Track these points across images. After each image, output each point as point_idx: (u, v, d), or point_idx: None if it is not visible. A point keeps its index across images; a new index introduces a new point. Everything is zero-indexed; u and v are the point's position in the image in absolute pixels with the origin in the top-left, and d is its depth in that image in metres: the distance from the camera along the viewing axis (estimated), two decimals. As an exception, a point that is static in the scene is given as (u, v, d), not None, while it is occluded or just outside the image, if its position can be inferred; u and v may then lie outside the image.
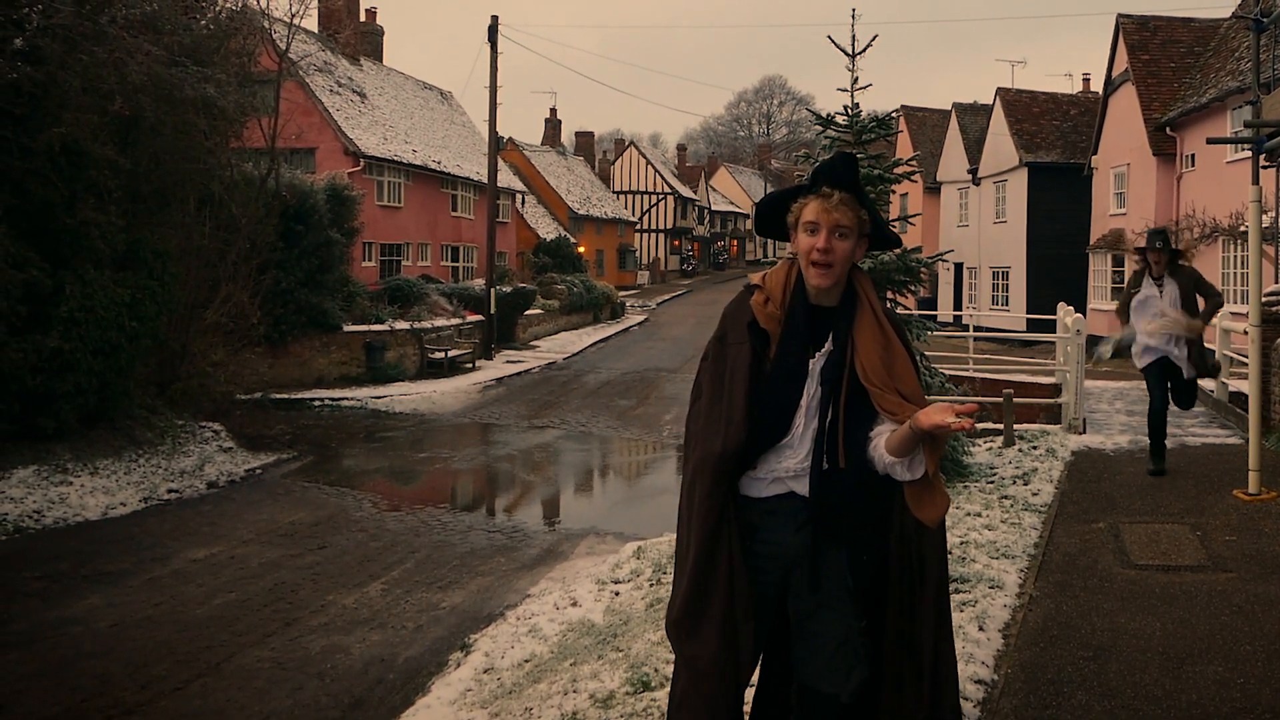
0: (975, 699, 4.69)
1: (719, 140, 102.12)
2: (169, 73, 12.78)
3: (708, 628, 2.95)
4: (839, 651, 2.93)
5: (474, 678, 6.32)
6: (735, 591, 2.95)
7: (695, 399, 3.12)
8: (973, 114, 36.79)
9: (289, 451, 14.71)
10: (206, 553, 9.67)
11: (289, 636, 7.50)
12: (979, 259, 35.00)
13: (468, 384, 22.62)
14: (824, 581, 2.96)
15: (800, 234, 2.95)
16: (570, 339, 33.28)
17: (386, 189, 29.56)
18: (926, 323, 11.25)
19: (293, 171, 21.21)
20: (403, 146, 30.87)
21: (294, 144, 22.62)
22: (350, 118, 28.81)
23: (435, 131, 35.42)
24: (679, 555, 3.16)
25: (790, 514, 2.98)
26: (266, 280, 18.08)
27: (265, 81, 18.85)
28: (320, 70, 27.90)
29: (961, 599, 6.07)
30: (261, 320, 17.58)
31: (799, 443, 2.95)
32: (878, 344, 2.94)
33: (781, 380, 2.95)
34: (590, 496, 13.68)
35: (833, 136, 11.09)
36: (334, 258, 21.50)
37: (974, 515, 8.40)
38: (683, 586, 3.02)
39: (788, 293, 2.99)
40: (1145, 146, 24.67)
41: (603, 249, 54.33)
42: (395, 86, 35.17)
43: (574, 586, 8.11)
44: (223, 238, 16.39)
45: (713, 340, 3.12)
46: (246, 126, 17.27)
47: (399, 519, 11.18)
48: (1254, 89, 8.45)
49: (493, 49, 28.07)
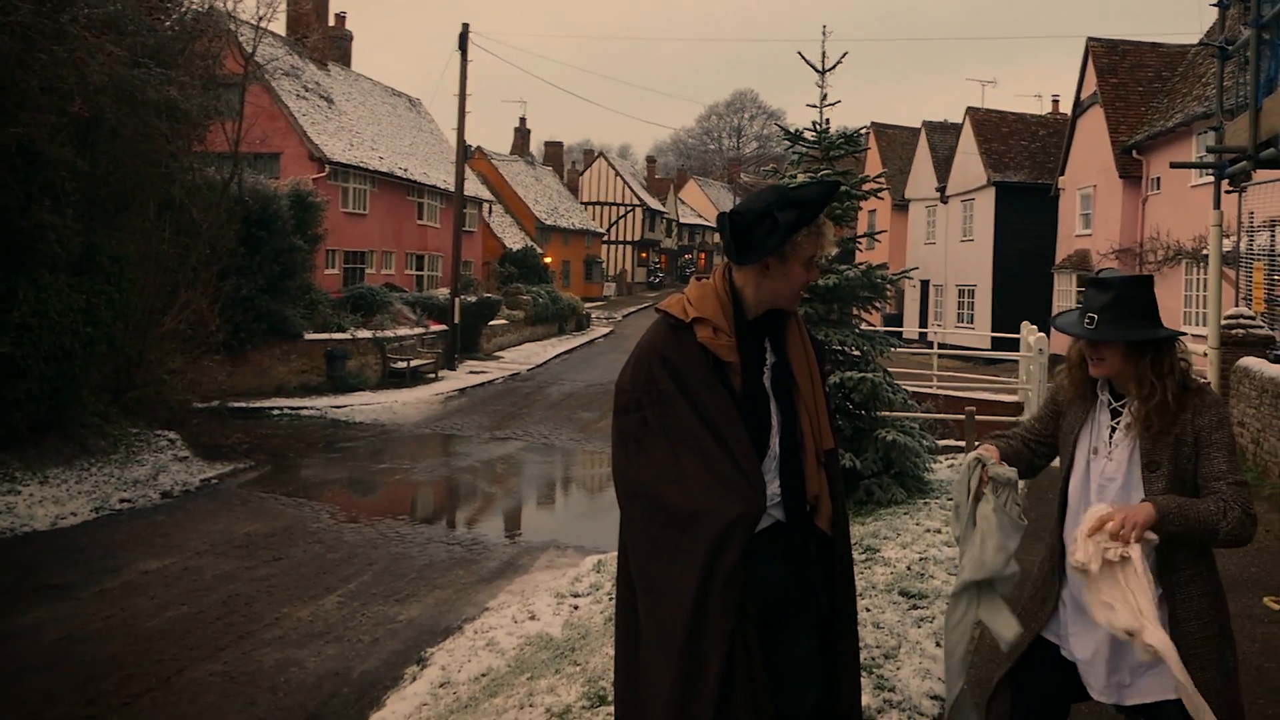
0: (930, 714, 4.67)
1: (689, 153, 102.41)
2: (131, 74, 12.61)
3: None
4: (800, 672, 2.80)
5: (430, 692, 6.25)
6: (755, 673, 2.64)
7: (638, 454, 2.75)
8: (942, 132, 37.11)
9: (246, 461, 14.52)
10: (159, 564, 9.51)
11: (242, 650, 7.38)
12: (945, 276, 35.26)
13: (430, 394, 22.47)
14: (800, 606, 2.83)
15: (797, 267, 2.80)
16: (535, 350, 33.18)
17: (352, 196, 29.34)
18: (891, 339, 11.28)
19: (256, 176, 21.02)
20: (369, 153, 30.67)
21: (258, 148, 22.37)
22: (316, 123, 28.59)
23: (402, 138, 35.24)
24: (653, 656, 2.68)
25: (774, 544, 2.78)
26: (227, 287, 17.87)
27: (230, 85, 18.66)
28: (287, 74, 27.65)
29: (920, 614, 6.07)
30: (221, 327, 17.36)
31: (773, 467, 2.80)
32: (803, 353, 2.91)
33: (752, 410, 2.78)
34: (551, 509, 13.60)
35: (801, 152, 11.12)
36: (296, 265, 21.31)
37: (933, 532, 8.42)
38: (706, 690, 2.57)
39: (729, 318, 2.80)
40: (1112, 168, 24.96)
41: (569, 260, 54.28)
42: (363, 92, 34.97)
43: (533, 600, 8.04)
44: (183, 243, 16.17)
45: (652, 390, 2.74)
46: (210, 130, 17.06)
47: (357, 531, 11.05)
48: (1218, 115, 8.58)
49: (463, 56, 27.98)
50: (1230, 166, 8.19)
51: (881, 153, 40.68)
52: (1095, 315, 2.79)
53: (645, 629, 2.72)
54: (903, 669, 5.13)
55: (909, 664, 5.23)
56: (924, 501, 9.80)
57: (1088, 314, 2.80)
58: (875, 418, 10.49)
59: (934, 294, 36.70)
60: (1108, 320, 2.76)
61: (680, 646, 2.61)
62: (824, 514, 2.86)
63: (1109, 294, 2.79)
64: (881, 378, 10.37)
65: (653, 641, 2.69)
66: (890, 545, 7.84)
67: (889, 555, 7.49)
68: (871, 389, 10.10)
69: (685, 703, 2.59)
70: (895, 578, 6.80)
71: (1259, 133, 7.40)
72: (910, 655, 5.36)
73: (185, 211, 16.08)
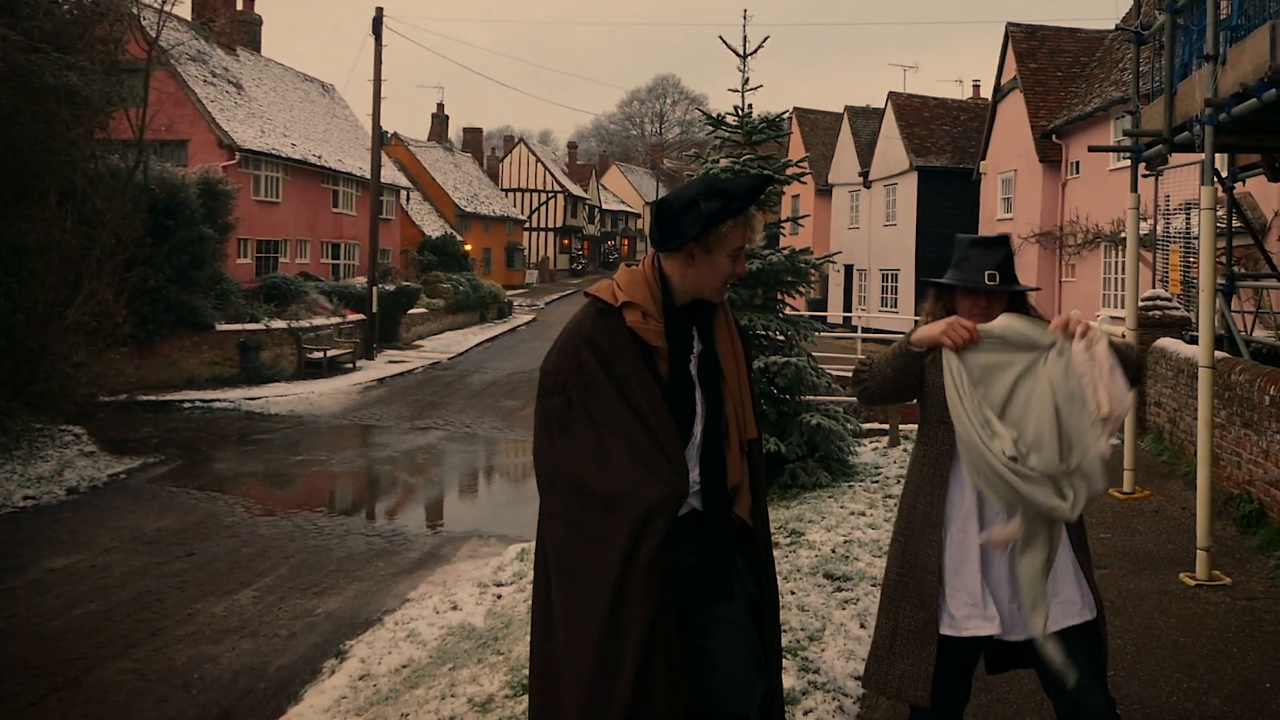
0: (855, 695, 4.68)
1: (611, 139, 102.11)
2: (27, 59, 12.14)
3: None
4: (743, 667, 2.74)
5: (349, 685, 6.11)
6: (673, 658, 2.64)
7: (561, 436, 2.73)
8: (865, 117, 37.48)
9: (156, 455, 14.10)
10: (65, 561, 9.18)
11: (153, 647, 7.17)
12: (869, 261, 35.68)
13: (348, 384, 22.07)
14: (725, 595, 2.79)
15: (722, 258, 2.79)
16: (456, 339, 32.81)
17: (264, 183, 28.70)
18: (815, 324, 11.35)
19: (163, 164, 20.43)
20: (281, 140, 30.00)
21: (165, 136, 21.69)
22: (225, 109, 27.87)
23: (316, 125, 34.54)
24: (570, 639, 2.65)
25: (690, 531, 2.75)
26: (133, 277, 17.28)
27: (134, 70, 18.04)
28: (193, 59, 26.91)
29: (844, 596, 6.10)
30: (128, 319, 16.78)
31: (695, 454, 2.78)
32: (729, 342, 2.91)
33: (677, 397, 2.77)
34: (474, 499, 13.45)
35: (724, 137, 11.13)
36: (206, 254, 20.76)
37: (858, 514, 8.50)
38: (622, 672, 2.56)
39: (658, 304, 2.80)
40: (1032, 153, 25.43)
41: (490, 247, 53.78)
42: (274, 78, 34.17)
43: (455, 590, 7.92)
44: (86, 233, 15.58)
45: (579, 373, 2.72)
46: (113, 117, 16.49)
47: (273, 524, 10.79)
48: (1135, 100, 8.73)
49: (377, 41, 27.46)
50: (1147, 150, 8.34)
51: (804, 138, 40.96)
52: (997, 271, 2.96)
53: (563, 613, 2.69)
54: (827, 650, 5.14)
55: (833, 646, 5.24)
56: (848, 485, 9.88)
57: (987, 271, 2.95)
58: (799, 402, 10.55)
59: (858, 278, 37.13)
60: (1007, 276, 2.98)
61: (599, 630, 2.59)
62: (744, 503, 2.84)
63: (1003, 251, 3.00)
64: (806, 362, 10.43)
65: (570, 625, 2.66)
66: (815, 529, 7.88)
67: (814, 539, 7.52)
68: (796, 373, 10.15)
69: (602, 687, 2.57)
70: (820, 560, 6.83)
71: (1174, 117, 7.54)
72: (835, 637, 5.37)
73: (88, 201, 15.52)
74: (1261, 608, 5.73)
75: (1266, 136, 7.95)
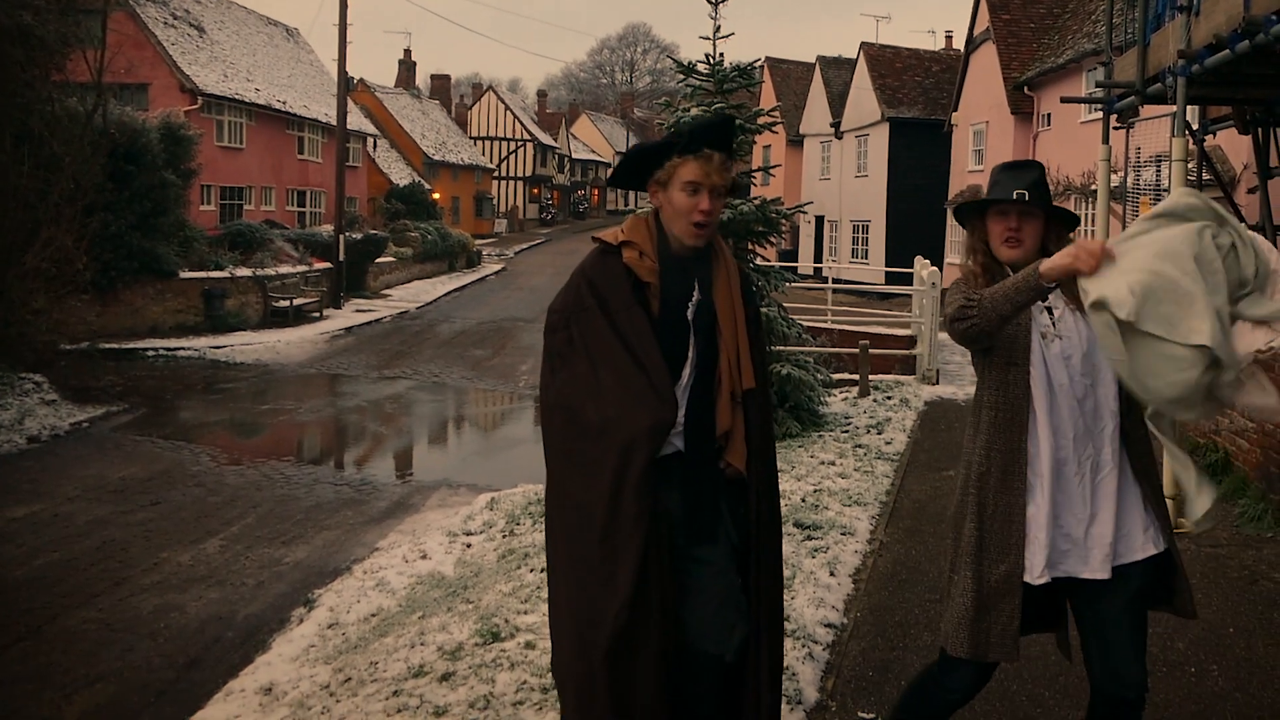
0: (825, 642, 4.71)
1: (581, 87, 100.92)
2: (-22, -4, 11.76)
3: (644, 661, 2.73)
4: (721, 609, 2.83)
5: (318, 633, 6.08)
6: (666, 588, 2.78)
7: (562, 369, 2.86)
8: (837, 68, 37.21)
9: (120, 404, 13.91)
10: (27, 511, 9.08)
11: (118, 596, 7.11)
12: (840, 212, 35.62)
13: (314, 333, 21.88)
14: (707, 538, 2.86)
15: (676, 192, 2.88)
16: (424, 288, 32.55)
17: (227, 129, 28.17)
18: (786, 274, 11.32)
19: (123, 108, 19.97)
20: (244, 85, 29.41)
21: (124, 79, 21.21)
22: (187, 53, 27.26)
23: (280, 70, 33.88)
24: (578, 555, 2.80)
25: (673, 471, 2.83)
26: (94, 223, 16.93)
27: (91, 11, 17.57)
28: (153, 1, 26.21)
29: (814, 545, 6.13)
30: (88, 265, 16.45)
31: (682, 397, 2.85)
32: (728, 296, 2.97)
33: (670, 337, 2.86)
34: (444, 448, 13.40)
35: (695, 85, 10.98)
36: (169, 200, 20.39)
37: (828, 464, 8.53)
38: (616, 594, 2.69)
39: (654, 247, 2.92)
40: (1004, 105, 25.40)
41: (459, 196, 53.22)
42: (237, 21, 33.42)
43: (424, 539, 7.89)
44: (43, 177, 15.22)
45: (579, 310, 2.85)
46: (70, 59, 16.08)
47: (239, 473, 10.70)
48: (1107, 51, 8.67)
49: (342, -16, 26.87)
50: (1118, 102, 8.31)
51: (776, 88, 40.66)
52: (1027, 191, 2.84)
53: (562, 540, 2.86)
54: (797, 598, 5.16)
55: (803, 594, 5.26)
56: (818, 434, 9.91)
57: (1018, 190, 2.84)
58: (770, 352, 10.54)
59: (829, 229, 37.10)
60: (1039, 197, 2.87)
61: (593, 552, 2.74)
62: (736, 451, 2.90)
63: (1035, 172, 2.90)
64: (776, 312, 10.42)
65: (569, 549, 2.83)
66: (785, 478, 7.89)
67: (785, 488, 7.53)
68: (766, 323, 10.12)
69: (598, 603, 2.72)
70: (790, 510, 6.84)
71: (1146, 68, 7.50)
72: (805, 585, 5.40)
73: (45, 144, 15.14)
74: (1225, 554, 5.81)
75: (1238, 88, 7.92)
